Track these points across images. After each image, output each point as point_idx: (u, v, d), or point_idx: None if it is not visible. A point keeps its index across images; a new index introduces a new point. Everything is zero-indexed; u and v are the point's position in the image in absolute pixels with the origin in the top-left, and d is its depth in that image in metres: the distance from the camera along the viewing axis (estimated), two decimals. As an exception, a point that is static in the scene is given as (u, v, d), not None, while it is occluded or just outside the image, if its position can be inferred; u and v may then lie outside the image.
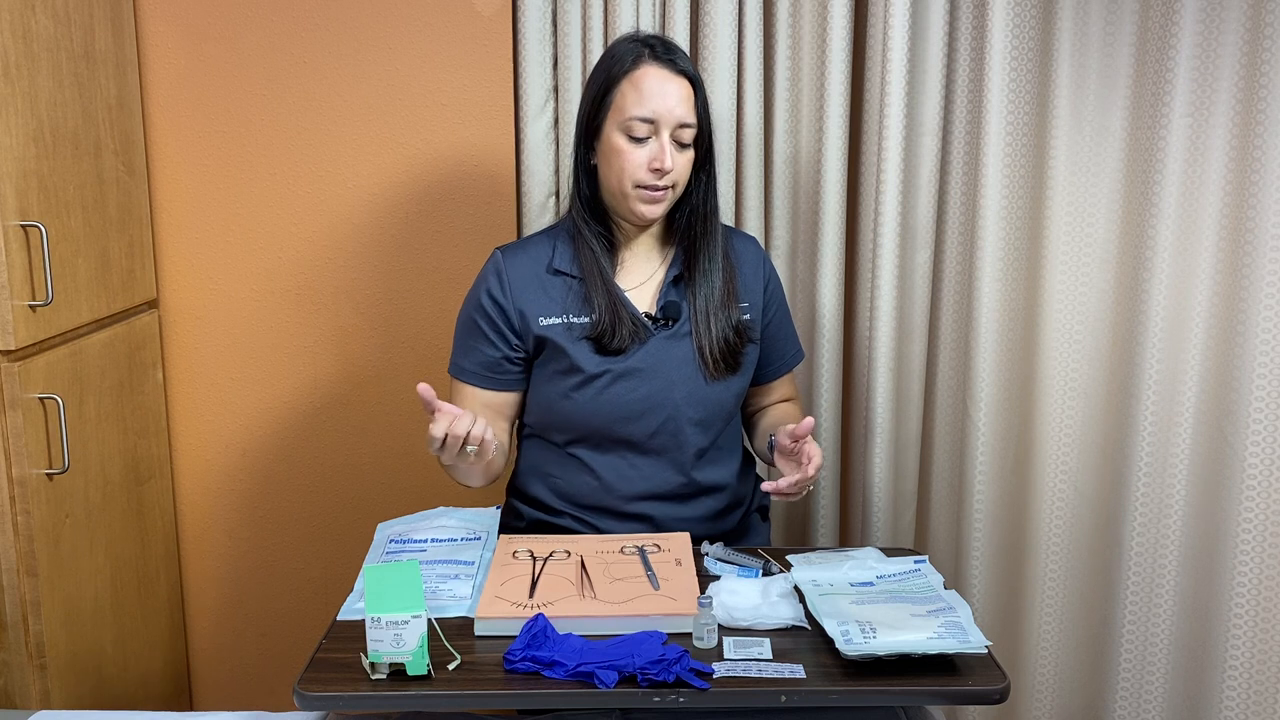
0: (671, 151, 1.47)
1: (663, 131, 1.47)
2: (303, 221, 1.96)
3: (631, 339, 1.51)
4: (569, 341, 1.51)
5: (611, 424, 1.53)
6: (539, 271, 1.55)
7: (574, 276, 1.54)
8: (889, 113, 1.80)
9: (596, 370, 1.51)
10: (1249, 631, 1.76)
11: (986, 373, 1.88)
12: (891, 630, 1.22)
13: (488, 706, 1.22)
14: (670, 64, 1.49)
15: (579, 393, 1.52)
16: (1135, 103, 1.79)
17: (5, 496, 1.54)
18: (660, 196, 1.50)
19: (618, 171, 1.49)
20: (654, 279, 1.58)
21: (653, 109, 1.46)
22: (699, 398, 1.55)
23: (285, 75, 1.91)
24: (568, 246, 1.56)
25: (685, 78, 1.49)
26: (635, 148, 1.48)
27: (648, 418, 1.53)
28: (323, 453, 2.04)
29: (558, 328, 1.52)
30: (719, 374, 1.55)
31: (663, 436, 1.54)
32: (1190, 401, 1.78)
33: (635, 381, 1.52)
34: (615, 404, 1.52)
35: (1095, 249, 1.85)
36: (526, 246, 1.59)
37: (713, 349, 1.54)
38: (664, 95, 1.46)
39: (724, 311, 1.55)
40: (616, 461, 1.54)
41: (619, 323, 1.50)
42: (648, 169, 1.47)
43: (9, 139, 1.49)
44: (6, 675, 1.59)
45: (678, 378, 1.53)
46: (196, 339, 1.99)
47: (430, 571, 1.41)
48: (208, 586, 2.08)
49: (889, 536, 1.95)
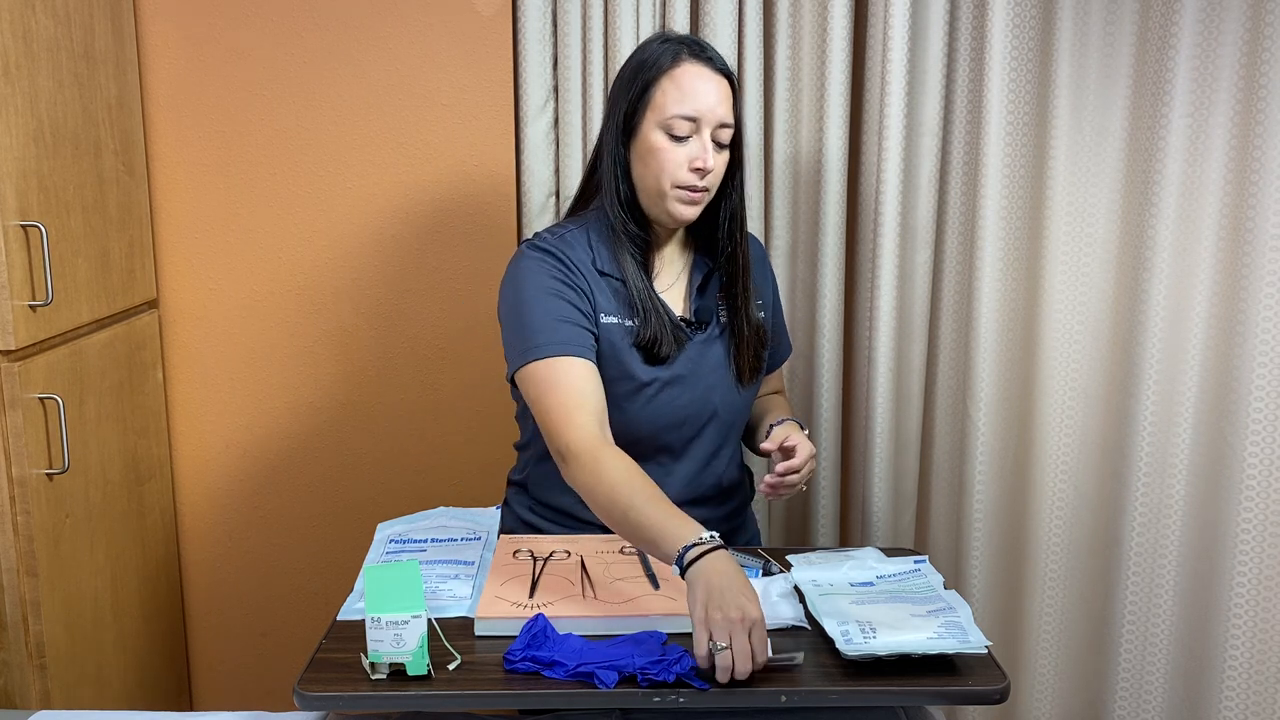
0: (712, 151, 1.44)
1: (704, 130, 1.43)
2: (303, 222, 1.96)
3: (676, 345, 1.48)
4: (625, 346, 1.46)
5: (658, 432, 1.50)
6: (589, 268, 1.47)
7: (617, 279, 1.48)
8: (889, 113, 1.80)
9: (647, 379, 1.47)
10: (1249, 631, 1.76)
11: (986, 373, 1.88)
12: (891, 630, 1.22)
13: (488, 706, 1.22)
14: (709, 62, 1.44)
15: (629, 401, 1.46)
16: (1135, 103, 1.79)
17: (5, 496, 1.54)
18: (699, 198, 1.46)
19: (656, 171, 1.44)
20: (681, 281, 1.56)
21: (695, 107, 1.42)
22: (731, 402, 1.54)
23: (285, 75, 1.91)
24: (605, 248, 1.49)
25: (724, 76, 1.45)
26: (676, 147, 1.43)
27: (689, 424, 1.51)
28: (323, 453, 2.04)
29: (615, 328, 1.46)
30: (749, 379, 1.54)
31: (698, 441, 1.53)
32: (1190, 401, 1.78)
33: (680, 389, 1.49)
34: (662, 412, 1.49)
35: (1095, 249, 1.85)
36: (566, 241, 1.49)
37: (746, 357, 1.53)
38: (705, 94, 1.42)
39: (753, 317, 1.54)
40: (654, 470, 1.45)
41: (664, 329, 1.47)
42: (688, 168, 1.43)
43: (9, 139, 1.49)
44: (6, 675, 1.59)
45: (714, 382, 1.52)
46: (196, 339, 1.99)
47: (430, 571, 1.41)
48: (208, 586, 2.08)
49: (889, 536, 1.95)
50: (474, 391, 2.01)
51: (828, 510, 1.96)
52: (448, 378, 2.01)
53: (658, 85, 1.43)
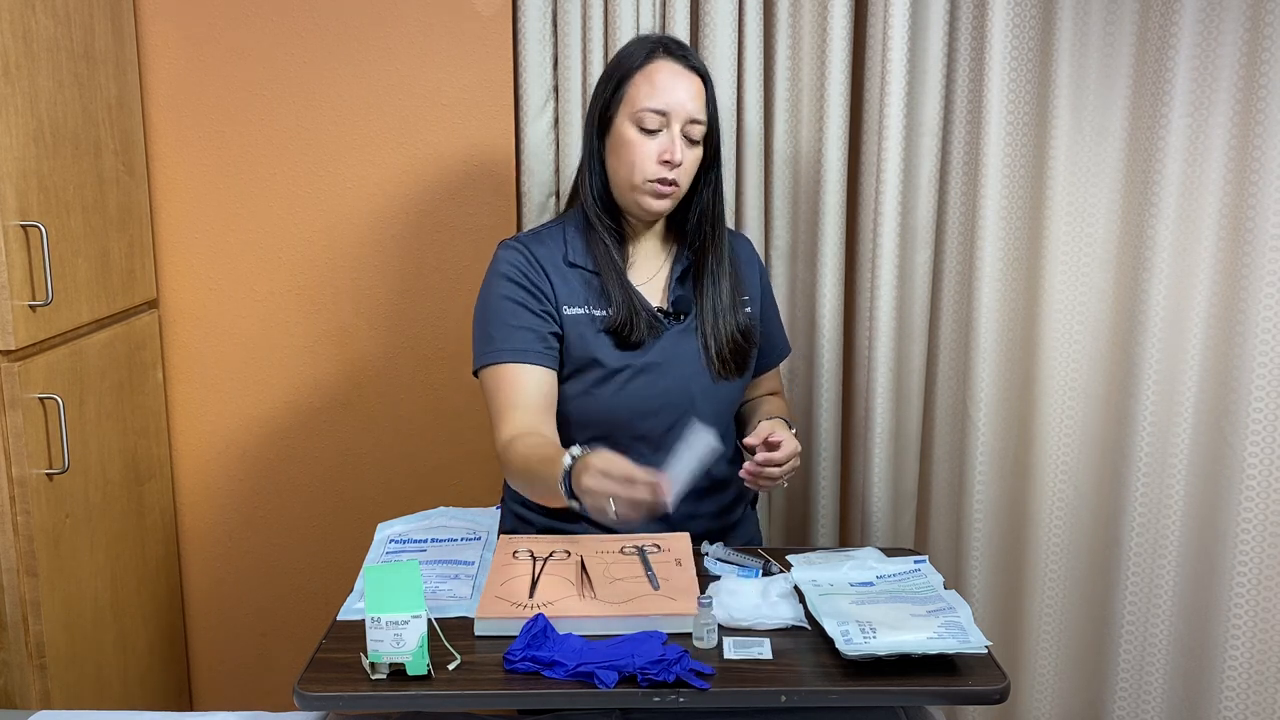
0: (681, 145, 1.48)
1: (674, 124, 1.48)
2: (303, 221, 1.96)
3: (648, 332, 1.52)
4: (591, 333, 1.51)
5: (632, 419, 1.53)
6: (557, 262, 1.54)
7: (589, 270, 1.54)
8: (889, 113, 1.80)
9: (618, 365, 1.51)
10: (1248, 631, 1.76)
11: (986, 373, 1.88)
12: (891, 630, 1.22)
13: (488, 706, 1.22)
14: (683, 59, 1.50)
15: (601, 388, 1.52)
16: (1135, 103, 1.79)
17: (5, 496, 1.54)
18: (668, 191, 1.50)
19: (627, 164, 1.49)
20: (661, 274, 1.59)
21: (665, 101, 1.47)
22: (710, 393, 1.56)
23: (285, 75, 1.91)
24: (579, 240, 1.55)
25: (697, 74, 1.51)
26: (646, 140, 1.48)
27: (665, 412, 1.53)
28: (323, 453, 2.04)
29: (581, 318, 1.51)
30: (727, 374, 1.56)
31: (678, 431, 1.53)
32: (1190, 401, 1.78)
33: (654, 376, 1.52)
34: (636, 398, 1.52)
35: (1095, 249, 1.85)
36: (539, 237, 1.57)
37: (720, 351, 1.55)
38: (675, 89, 1.48)
39: (732, 314, 1.57)
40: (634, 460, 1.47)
41: (637, 316, 1.51)
42: (657, 160, 1.47)
43: (9, 139, 1.49)
44: (6, 675, 1.59)
45: (691, 372, 1.54)
46: (196, 339, 1.99)
47: (430, 571, 1.41)
48: (208, 586, 2.08)
49: (889, 536, 1.95)
50: (474, 391, 1.98)
51: (828, 510, 1.96)
52: (448, 377, 2.01)
53: (631, 80, 1.49)
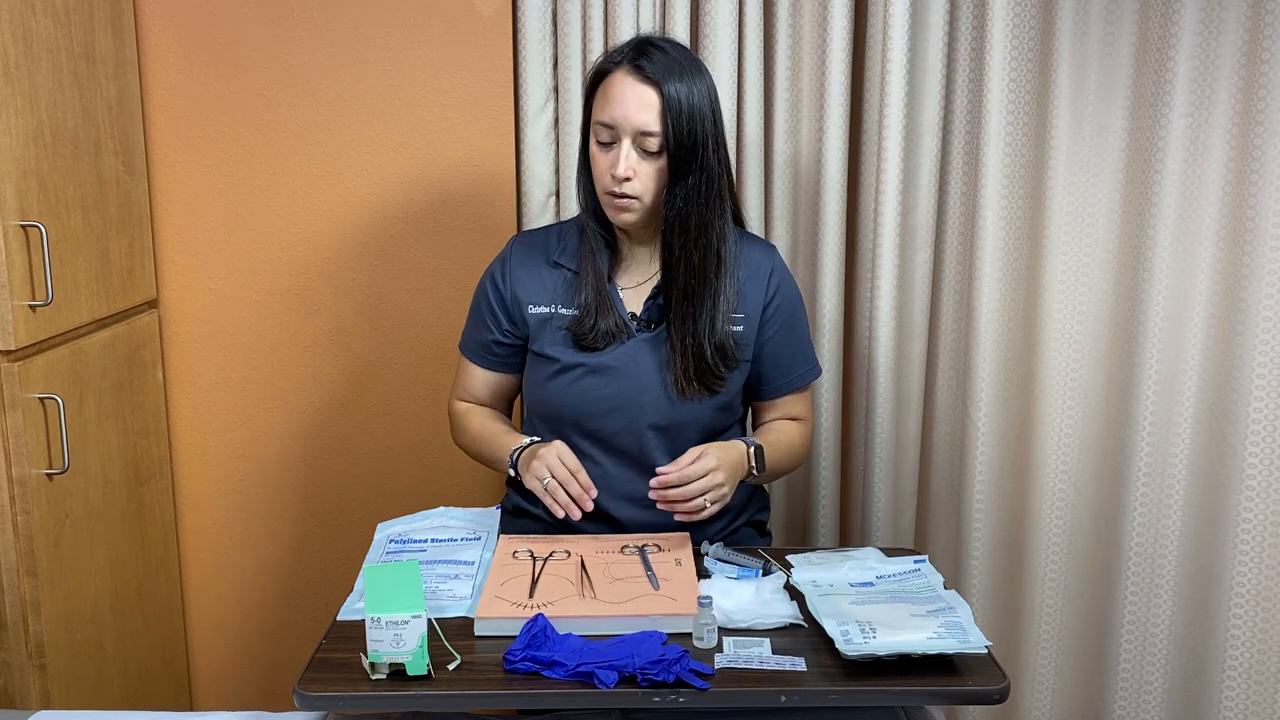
0: (632, 159, 1.45)
1: (623, 138, 1.46)
2: (303, 221, 1.96)
3: (610, 337, 1.53)
4: (549, 331, 1.56)
5: (580, 417, 1.55)
6: (541, 261, 1.59)
7: (571, 270, 1.57)
8: (889, 113, 1.80)
9: (570, 362, 1.54)
10: (1248, 631, 1.76)
11: (986, 373, 1.88)
12: (891, 630, 1.22)
13: (488, 706, 1.23)
14: (637, 70, 1.44)
15: (553, 382, 1.56)
16: (1135, 103, 1.79)
17: (5, 496, 1.54)
18: (624, 204, 1.48)
19: (595, 176, 1.52)
20: (650, 282, 1.58)
21: (611, 115, 1.46)
22: (664, 407, 1.53)
23: (285, 75, 1.91)
24: (573, 240, 1.60)
25: (652, 85, 1.43)
26: (601, 153, 1.49)
27: (612, 416, 1.54)
28: (323, 453, 2.04)
29: (544, 316, 1.57)
30: (691, 393, 1.52)
31: (626, 438, 1.54)
32: (1190, 401, 1.78)
33: (605, 379, 1.54)
34: (584, 398, 1.54)
35: (1095, 249, 1.85)
36: (539, 236, 1.65)
37: (686, 369, 1.51)
38: (623, 102, 1.44)
39: (708, 330, 1.51)
40: (586, 463, 1.48)
41: (601, 318, 1.53)
42: (609, 174, 1.48)
43: (9, 139, 1.49)
44: (6, 675, 1.59)
45: (648, 383, 1.53)
46: (196, 339, 1.99)
47: (430, 571, 1.41)
48: (208, 586, 2.08)
49: (889, 536, 1.95)
50: (474, 391, 2.01)
51: (828, 510, 1.96)
52: (448, 377, 2.00)
53: (596, 91, 1.51)
